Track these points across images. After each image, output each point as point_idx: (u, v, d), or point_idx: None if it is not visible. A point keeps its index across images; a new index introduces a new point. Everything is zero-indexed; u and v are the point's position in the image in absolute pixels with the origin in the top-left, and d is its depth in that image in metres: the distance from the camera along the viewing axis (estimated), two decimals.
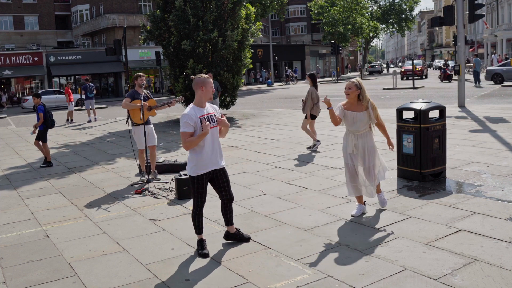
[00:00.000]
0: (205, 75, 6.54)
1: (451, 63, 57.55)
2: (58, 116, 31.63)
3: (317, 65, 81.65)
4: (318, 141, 14.12)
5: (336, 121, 7.69)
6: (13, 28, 66.25)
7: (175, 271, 6.17)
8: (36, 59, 54.08)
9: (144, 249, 6.99)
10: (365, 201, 8.15)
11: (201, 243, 6.74)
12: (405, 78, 53.12)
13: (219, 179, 6.66)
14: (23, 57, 53.38)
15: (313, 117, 14.01)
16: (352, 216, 7.89)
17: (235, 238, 6.98)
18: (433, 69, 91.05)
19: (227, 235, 7.02)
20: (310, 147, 14.02)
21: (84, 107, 31.51)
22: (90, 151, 16.44)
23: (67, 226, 8.29)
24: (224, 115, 23.67)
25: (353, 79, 7.72)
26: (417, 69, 53.12)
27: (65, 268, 6.43)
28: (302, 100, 14.19)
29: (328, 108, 7.58)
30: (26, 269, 6.47)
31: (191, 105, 6.46)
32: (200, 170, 6.47)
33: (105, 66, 56.62)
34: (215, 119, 6.49)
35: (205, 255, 6.55)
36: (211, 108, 6.60)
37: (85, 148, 17.18)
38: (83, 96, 28.28)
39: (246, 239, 6.98)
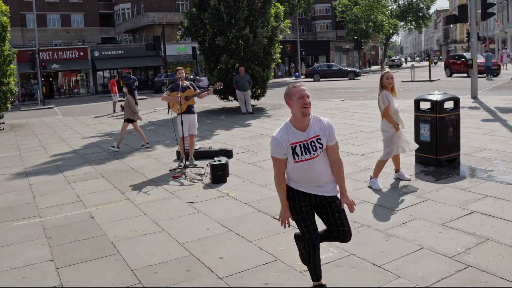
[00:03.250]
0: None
1: None
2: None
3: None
4: (116, 147, 14.10)
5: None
6: (61, 26, 66.80)
7: (209, 250, 6.13)
8: (81, 54, 54.53)
9: (181, 229, 6.97)
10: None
11: None
12: (488, 76, 36.97)
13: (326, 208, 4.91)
14: (70, 52, 53.84)
15: (131, 121, 14.30)
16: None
17: None
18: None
19: None
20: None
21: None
22: (131, 138, 16.46)
23: (110, 208, 8.31)
24: (255, 105, 23.77)
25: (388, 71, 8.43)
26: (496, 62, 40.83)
27: (108, 247, 6.43)
28: (121, 106, 14.11)
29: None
30: (72, 248, 6.48)
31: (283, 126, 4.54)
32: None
33: (145, 60, 56.95)
34: (315, 147, 4.50)
35: None
36: (313, 132, 4.49)
37: (127, 136, 17.15)
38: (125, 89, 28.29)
39: None
